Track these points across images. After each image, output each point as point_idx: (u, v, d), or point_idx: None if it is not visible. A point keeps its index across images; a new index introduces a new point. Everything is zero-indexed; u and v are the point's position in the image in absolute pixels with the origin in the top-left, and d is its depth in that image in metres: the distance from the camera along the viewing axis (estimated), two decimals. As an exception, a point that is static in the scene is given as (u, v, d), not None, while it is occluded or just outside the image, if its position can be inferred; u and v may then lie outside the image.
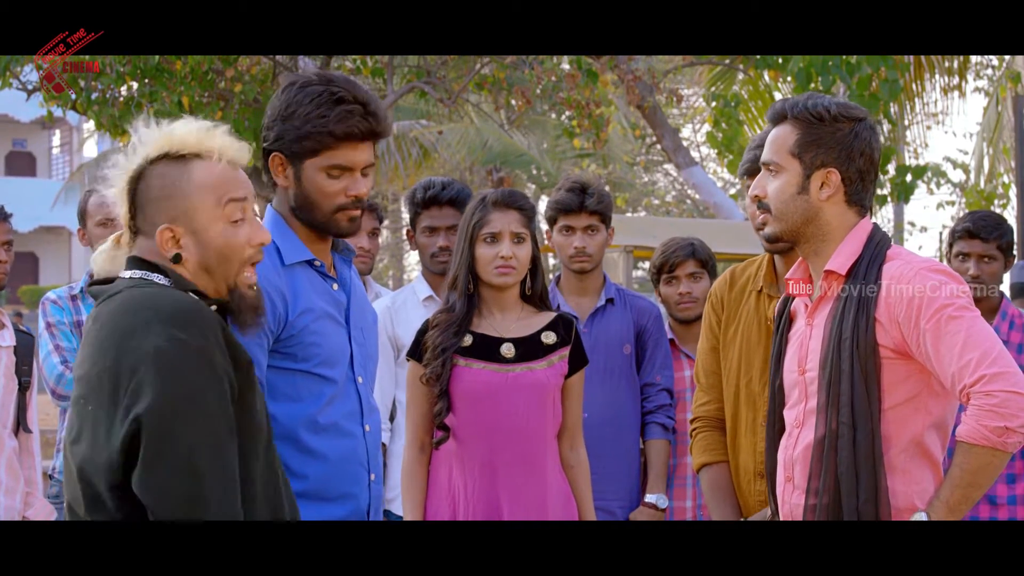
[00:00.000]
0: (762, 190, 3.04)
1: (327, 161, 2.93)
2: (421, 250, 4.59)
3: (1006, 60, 14.18)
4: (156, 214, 2.46)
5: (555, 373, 3.75)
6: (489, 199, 3.76)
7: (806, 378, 2.99)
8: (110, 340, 2.33)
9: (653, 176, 26.93)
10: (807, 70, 9.80)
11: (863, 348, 2.86)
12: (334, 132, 2.90)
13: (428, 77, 11.52)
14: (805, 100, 3.01)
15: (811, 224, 2.99)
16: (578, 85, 10.67)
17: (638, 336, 4.56)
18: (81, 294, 4.71)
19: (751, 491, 3.61)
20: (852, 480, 2.83)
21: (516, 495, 3.65)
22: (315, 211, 2.98)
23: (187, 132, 2.48)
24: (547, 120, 19.37)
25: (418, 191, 4.55)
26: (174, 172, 2.46)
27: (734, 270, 3.80)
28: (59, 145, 40.09)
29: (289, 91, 2.96)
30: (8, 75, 10.22)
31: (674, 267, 4.77)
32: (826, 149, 2.96)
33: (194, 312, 2.36)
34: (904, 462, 2.87)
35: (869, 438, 2.84)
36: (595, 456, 4.36)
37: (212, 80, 10.63)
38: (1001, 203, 14.95)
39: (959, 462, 2.76)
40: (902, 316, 2.84)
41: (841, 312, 2.91)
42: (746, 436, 3.63)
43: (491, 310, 3.76)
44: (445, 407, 3.66)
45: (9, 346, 4.54)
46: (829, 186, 2.97)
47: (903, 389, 2.88)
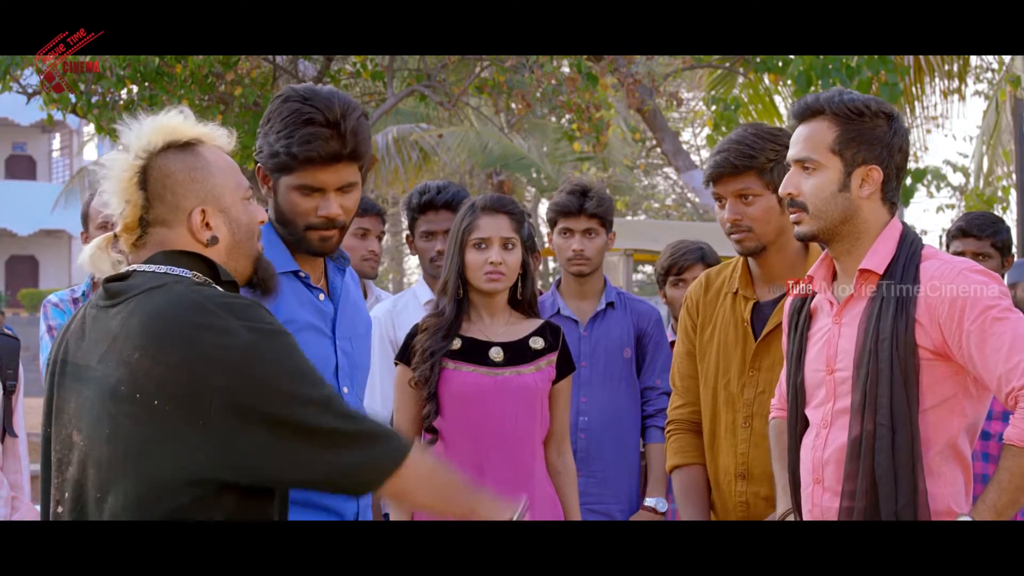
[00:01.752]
0: (795, 188, 2.97)
1: (297, 180, 2.91)
2: (420, 255, 4.59)
3: (1006, 63, 14.18)
4: (183, 198, 2.45)
5: (543, 378, 3.75)
6: (479, 205, 3.77)
7: (836, 377, 2.94)
8: (176, 336, 2.28)
9: (653, 179, 26.95)
10: (807, 73, 9.81)
11: (902, 348, 2.81)
12: (296, 155, 2.88)
13: (428, 80, 11.53)
14: (840, 95, 2.94)
15: (849, 222, 2.93)
16: (578, 88, 10.68)
17: (638, 340, 4.56)
18: (83, 297, 4.71)
19: (731, 492, 3.61)
20: (891, 483, 2.78)
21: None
22: (289, 226, 2.97)
23: (180, 122, 2.49)
24: (547, 123, 19.39)
25: (414, 196, 4.56)
26: (189, 158, 2.47)
27: (709, 273, 3.81)
28: (59, 149, 40.11)
29: (273, 104, 2.95)
30: (8, 78, 10.22)
31: (682, 270, 4.79)
32: (868, 146, 2.91)
33: (255, 306, 2.38)
34: (939, 465, 2.83)
35: (908, 440, 2.78)
36: (595, 460, 4.36)
37: (212, 83, 10.64)
38: (1001, 206, 14.95)
39: (1008, 466, 2.71)
40: (944, 317, 2.79)
41: (878, 312, 2.85)
42: (726, 438, 3.63)
43: (480, 314, 3.77)
44: (434, 410, 3.67)
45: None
46: (870, 183, 2.92)
47: (940, 391, 2.83)
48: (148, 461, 2.25)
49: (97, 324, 2.39)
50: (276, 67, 11.13)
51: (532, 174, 20.14)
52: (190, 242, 2.46)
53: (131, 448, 2.26)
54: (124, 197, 2.44)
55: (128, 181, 2.44)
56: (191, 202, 2.45)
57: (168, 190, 2.44)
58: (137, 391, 2.25)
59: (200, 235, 2.45)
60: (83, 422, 2.35)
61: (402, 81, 12.52)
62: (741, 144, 3.56)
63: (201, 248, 2.46)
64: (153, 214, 2.45)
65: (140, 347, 2.27)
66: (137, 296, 2.35)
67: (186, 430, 2.24)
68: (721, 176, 3.57)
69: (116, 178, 2.45)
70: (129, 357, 2.28)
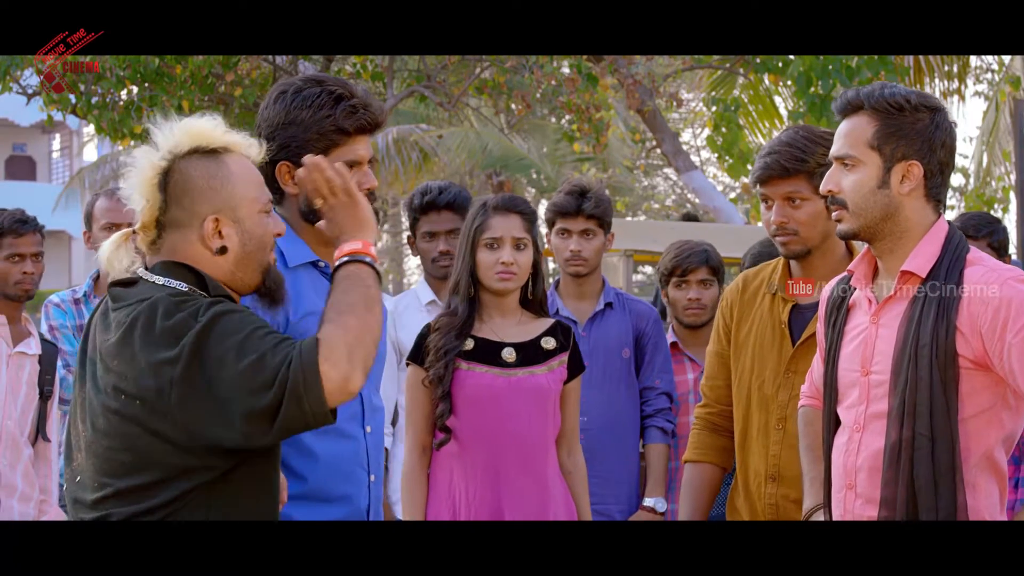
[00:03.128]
0: (836, 185, 2.90)
1: (337, 159, 2.92)
2: (422, 255, 4.59)
3: (1005, 64, 14.18)
4: (199, 204, 2.49)
5: (555, 378, 3.76)
6: (490, 204, 3.77)
7: (871, 380, 2.86)
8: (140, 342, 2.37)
9: (653, 180, 26.92)
10: (807, 74, 9.82)
11: (942, 356, 2.73)
12: (344, 128, 2.92)
13: (428, 81, 11.53)
14: (881, 89, 2.87)
15: (890, 220, 2.85)
16: (578, 89, 10.68)
17: (637, 340, 4.56)
18: (84, 298, 4.73)
19: (761, 494, 3.56)
20: (931, 495, 2.71)
21: (518, 499, 3.66)
22: None
23: (211, 128, 2.54)
24: (547, 124, 19.38)
25: (415, 197, 4.56)
26: (212, 165, 2.51)
27: (747, 275, 3.77)
28: (59, 149, 40.07)
29: (283, 99, 2.95)
30: (8, 79, 10.22)
31: (687, 272, 4.77)
32: (908, 140, 2.83)
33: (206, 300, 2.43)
34: (975, 476, 2.77)
35: (949, 450, 2.72)
36: (595, 460, 4.36)
37: (212, 84, 10.64)
38: (1001, 207, 14.95)
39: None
40: (986, 327, 2.72)
41: (919, 316, 2.78)
42: (758, 440, 3.58)
43: (491, 315, 3.78)
44: (447, 409, 3.67)
45: (35, 355, 4.59)
46: (911, 179, 2.84)
47: (978, 401, 2.77)
48: (134, 454, 2.37)
49: (103, 323, 2.49)
50: (276, 68, 11.13)
51: (532, 175, 20.11)
52: (199, 249, 2.51)
53: (121, 442, 2.38)
54: (144, 195, 2.49)
55: (149, 180, 2.49)
56: (206, 209, 2.49)
57: (186, 194, 2.49)
58: (122, 391, 2.38)
59: (211, 243, 2.50)
60: (86, 414, 2.46)
61: (402, 82, 12.52)
62: (792, 147, 3.50)
63: (209, 256, 2.51)
64: (169, 216, 2.50)
65: (120, 352, 2.39)
66: (132, 304, 2.44)
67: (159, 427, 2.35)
68: (770, 178, 3.51)
69: (139, 175, 2.50)
70: (114, 359, 2.40)
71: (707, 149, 14.13)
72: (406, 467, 3.78)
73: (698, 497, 3.71)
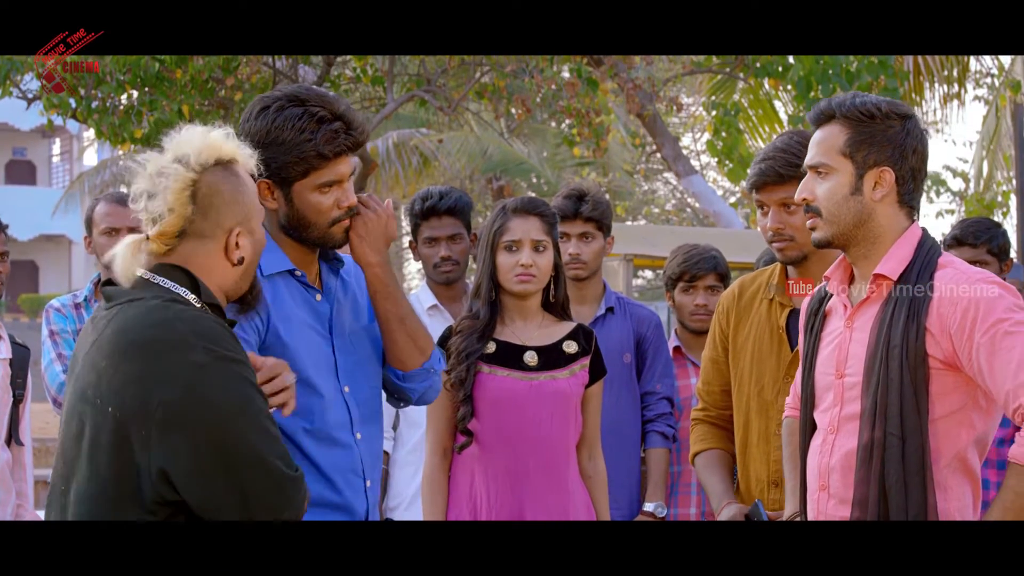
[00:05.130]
0: (810, 193, 2.95)
1: (317, 180, 2.94)
2: (424, 260, 4.58)
3: (1006, 68, 14.19)
4: (225, 217, 2.54)
5: (577, 382, 3.77)
6: (510, 207, 3.78)
7: (844, 382, 2.91)
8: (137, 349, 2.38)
9: (653, 185, 26.93)
10: (807, 79, 9.82)
11: (912, 357, 2.77)
12: (323, 153, 2.92)
13: (428, 85, 11.52)
14: (852, 98, 2.92)
15: (863, 226, 2.90)
16: (578, 93, 10.67)
17: (638, 345, 4.55)
18: (85, 302, 4.72)
19: (764, 500, 3.56)
20: (901, 495, 2.75)
21: (540, 503, 3.67)
22: (310, 228, 2.99)
23: (224, 139, 2.59)
24: (547, 128, 19.40)
25: (417, 202, 4.56)
26: (233, 178, 2.58)
27: (743, 280, 3.78)
28: (59, 154, 40.10)
29: (264, 116, 2.94)
30: (8, 84, 10.21)
31: (695, 278, 4.77)
32: (879, 147, 2.88)
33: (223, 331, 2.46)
34: (947, 478, 2.80)
35: (919, 451, 2.75)
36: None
37: (212, 88, 10.63)
38: (1001, 211, 14.96)
39: (1011, 485, 2.68)
40: (955, 328, 2.75)
41: (890, 318, 2.82)
42: (759, 446, 3.59)
43: (513, 318, 3.78)
44: (469, 412, 3.68)
45: (5, 358, 4.56)
46: (883, 185, 2.89)
47: (949, 401, 2.80)
48: (101, 462, 2.37)
49: (93, 325, 2.51)
50: (276, 72, 11.12)
51: (532, 179, 20.12)
52: (218, 259, 2.55)
53: (89, 447, 2.39)
54: (171, 206, 2.51)
55: (181, 192, 2.51)
56: (231, 221, 2.55)
57: (214, 207, 2.54)
58: (99, 396, 2.38)
59: (232, 254, 2.56)
60: (66, 416, 2.50)
61: (402, 86, 12.50)
62: (787, 153, 3.53)
63: (226, 266, 2.56)
64: (195, 226, 2.53)
65: (107, 356, 2.40)
66: (121, 305, 2.46)
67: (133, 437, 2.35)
68: (765, 184, 3.54)
69: (169, 187, 2.51)
70: (98, 363, 2.41)
71: (707, 153, 14.13)
72: (427, 469, 3.78)
73: (718, 471, 3.70)
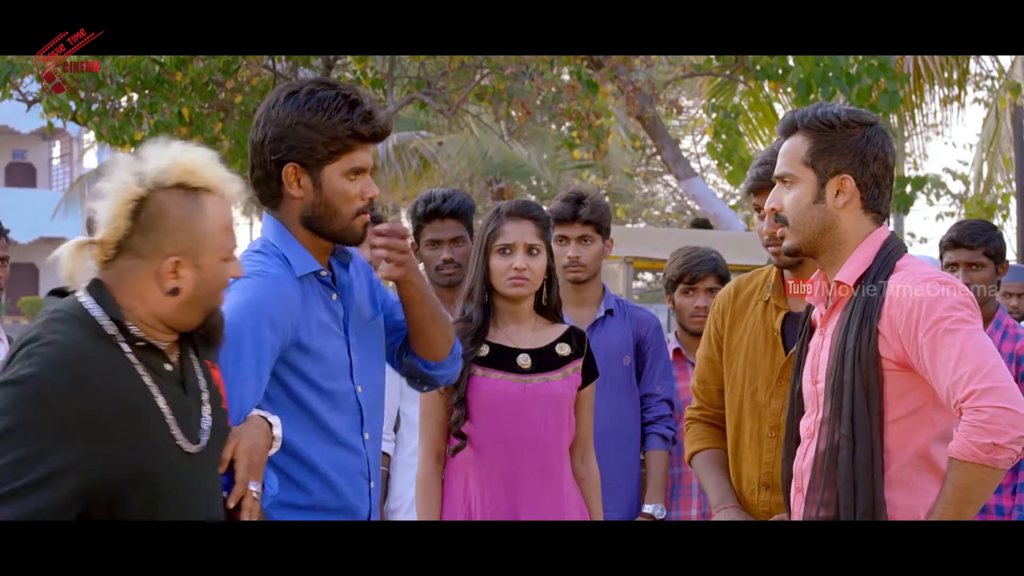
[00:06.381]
0: (778, 203, 3.03)
1: (347, 164, 2.91)
2: (426, 263, 4.58)
3: (1006, 71, 14.20)
4: (165, 243, 2.42)
5: (570, 384, 3.77)
6: (503, 210, 3.78)
7: (817, 389, 2.99)
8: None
9: (653, 187, 26.94)
10: (807, 81, 9.81)
11: (864, 360, 2.84)
12: (361, 133, 2.89)
13: (428, 88, 11.53)
14: (814, 109, 3.00)
15: (828, 233, 2.97)
16: (578, 96, 10.67)
17: (637, 347, 4.56)
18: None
19: (755, 502, 3.56)
20: (850, 494, 2.84)
21: (534, 505, 3.67)
22: (336, 218, 2.94)
23: (202, 164, 2.47)
24: (547, 131, 19.40)
25: (419, 204, 4.55)
26: (190, 205, 2.44)
27: (739, 281, 3.78)
28: (59, 156, 40.11)
29: (295, 99, 2.89)
30: (8, 86, 10.21)
31: (695, 280, 4.78)
32: (839, 155, 2.95)
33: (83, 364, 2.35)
34: (909, 475, 2.86)
35: (868, 452, 2.83)
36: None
37: (212, 91, 10.63)
38: (1001, 214, 14.97)
39: (950, 478, 2.74)
40: (902, 329, 2.82)
41: (847, 322, 2.90)
42: (751, 447, 3.59)
43: (506, 321, 3.79)
44: (463, 415, 3.68)
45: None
46: (844, 193, 2.95)
47: (907, 401, 2.86)
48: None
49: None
50: (276, 74, 11.13)
51: (532, 182, 20.14)
52: (148, 283, 2.43)
53: None
54: (112, 214, 2.42)
55: (123, 205, 2.41)
56: (170, 249, 2.43)
57: (153, 229, 2.42)
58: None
59: (164, 283, 2.43)
60: None
61: (402, 89, 12.51)
62: None
63: (156, 293, 2.43)
64: (131, 243, 2.42)
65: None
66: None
67: None
68: (762, 188, 3.54)
69: (113, 196, 2.42)
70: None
71: (707, 156, 14.14)
72: (420, 473, 3.78)
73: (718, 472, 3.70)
